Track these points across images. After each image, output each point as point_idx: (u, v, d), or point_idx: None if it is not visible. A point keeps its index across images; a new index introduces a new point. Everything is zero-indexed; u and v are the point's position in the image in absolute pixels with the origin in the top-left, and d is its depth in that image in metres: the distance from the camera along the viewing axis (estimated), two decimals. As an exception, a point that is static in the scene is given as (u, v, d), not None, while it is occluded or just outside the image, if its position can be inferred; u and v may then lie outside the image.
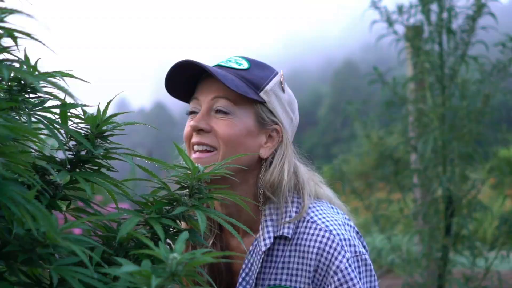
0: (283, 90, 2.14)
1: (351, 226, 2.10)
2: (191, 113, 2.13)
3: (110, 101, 1.56)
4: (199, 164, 1.59)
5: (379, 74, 5.02)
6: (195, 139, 2.04)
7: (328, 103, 59.12)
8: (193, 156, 2.02)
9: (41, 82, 1.37)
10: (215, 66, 2.13)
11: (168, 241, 1.52)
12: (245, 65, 2.11)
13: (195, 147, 2.02)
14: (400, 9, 4.90)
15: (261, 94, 2.07)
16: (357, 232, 2.13)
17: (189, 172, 1.55)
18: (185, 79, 2.10)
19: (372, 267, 2.03)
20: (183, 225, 1.63)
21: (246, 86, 2.05)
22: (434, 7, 4.75)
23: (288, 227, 2.03)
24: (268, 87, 2.08)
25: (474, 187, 4.61)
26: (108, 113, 1.57)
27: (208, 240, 2.16)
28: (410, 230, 4.88)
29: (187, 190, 1.56)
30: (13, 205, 1.16)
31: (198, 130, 2.03)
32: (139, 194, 1.56)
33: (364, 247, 2.12)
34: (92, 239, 1.43)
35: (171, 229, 1.56)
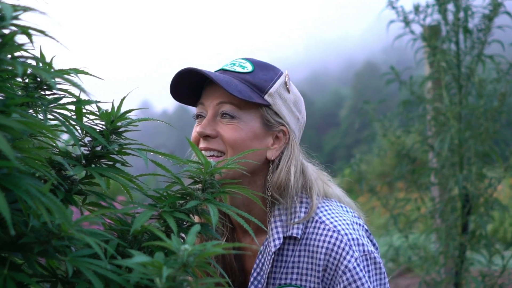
0: (288, 90, 2.15)
1: (360, 224, 2.11)
2: (198, 116, 2.15)
3: (124, 97, 1.59)
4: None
5: (396, 74, 5.03)
6: (202, 145, 2.07)
7: (349, 104, 58.98)
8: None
9: (56, 79, 1.41)
10: (219, 70, 2.15)
11: (182, 234, 1.55)
12: (249, 68, 2.13)
13: (203, 153, 2.05)
14: (416, 9, 4.91)
15: (266, 97, 2.08)
16: (366, 230, 2.13)
17: (201, 167, 1.57)
18: (190, 84, 2.12)
19: (381, 265, 2.04)
20: (196, 219, 1.66)
21: (250, 90, 2.06)
22: (450, 6, 4.76)
23: (297, 228, 2.05)
24: (272, 90, 2.10)
25: (491, 185, 4.60)
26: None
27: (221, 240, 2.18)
28: (428, 229, 4.88)
29: (200, 184, 1.58)
30: (28, 198, 1.19)
31: (205, 136, 2.05)
32: (153, 189, 1.59)
33: (374, 244, 2.13)
34: (107, 232, 1.46)
35: (184, 223, 1.59)
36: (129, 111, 1.58)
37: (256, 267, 2.11)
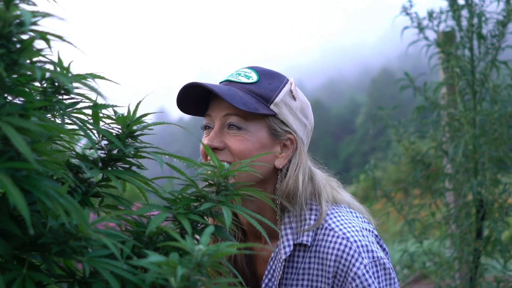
0: (294, 98, 2.16)
1: (369, 230, 2.12)
2: (206, 127, 2.17)
3: (140, 101, 1.63)
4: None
5: (410, 80, 5.04)
6: None
7: (365, 111, 58.91)
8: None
9: (73, 83, 1.44)
10: (225, 81, 2.17)
11: (196, 236, 1.57)
12: (254, 77, 2.14)
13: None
14: (430, 15, 4.93)
15: (272, 106, 2.10)
16: (376, 236, 2.15)
17: (215, 170, 1.60)
18: (198, 96, 2.14)
19: (391, 270, 2.05)
20: (210, 221, 1.69)
21: (255, 101, 2.08)
22: (464, 12, 4.77)
23: (307, 235, 2.07)
24: (278, 99, 2.11)
25: (506, 191, 4.60)
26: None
27: None
28: (442, 234, 4.88)
29: (214, 187, 1.61)
30: (47, 199, 1.22)
31: (213, 149, 2.07)
32: (168, 191, 1.62)
33: (384, 250, 2.14)
34: (123, 233, 1.49)
35: (198, 224, 1.62)
36: (145, 115, 1.62)
37: (267, 273, 2.14)
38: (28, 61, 1.31)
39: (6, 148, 1.24)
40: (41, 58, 1.34)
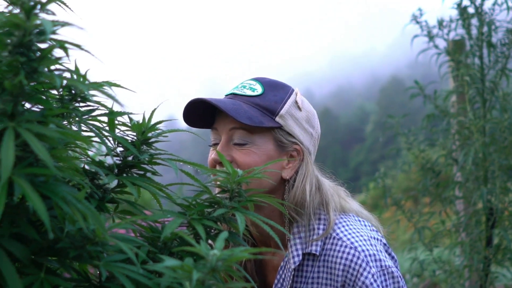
0: (299, 108, 2.17)
1: (377, 239, 2.13)
2: (214, 144, 2.19)
3: (155, 109, 1.65)
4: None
5: (420, 88, 5.07)
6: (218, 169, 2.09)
7: (375, 120, 58.90)
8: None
9: (90, 91, 1.47)
10: (230, 94, 2.18)
11: (210, 242, 1.60)
12: (259, 90, 2.15)
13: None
14: (440, 23, 4.95)
15: (277, 119, 2.11)
16: (385, 244, 2.15)
17: (229, 176, 1.62)
18: (204, 111, 2.15)
19: (400, 279, 2.05)
20: (223, 227, 1.71)
21: (260, 114, 2.09)
22: (474, 21, 4.79)
23: (316, 244, 2.09)
24: (283, 111, 2.12)
25: (515, 199, 4.61)
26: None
27: None
28: (452, 242, 4.89)
29: (227, 193, 1.64)
30: (65, 205, 1.25)
31: (220, 163, 2.09)
32: (182, 197, 1.64)
33: (393, 258, 2.14)
34: (138, 238, 1.52)
35: (212, 230, 1.64)
36: (160, 122, 1.64)
37: (277, 282, 2.15)
38: (46, 69, 1.33)
39: (25, 155, 1.27)
40: (58, 66, 1.37)
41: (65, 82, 1.40)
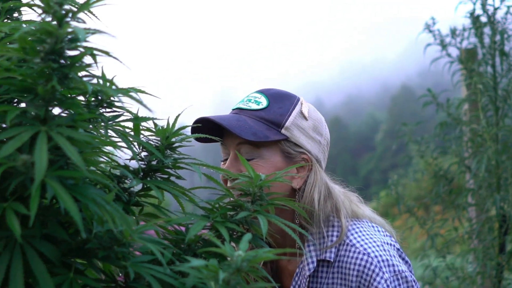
0: (305, 118, 2.19)
1: (390, 244, 2.14)
2: (224, 160, 2.22)
3: (179, 115, 1.69)
4: None
5: (433, 96, 5.09)
6: (229, 184, 2.10)
7: (385, 128, 58.78)
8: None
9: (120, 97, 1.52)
10: (236, 108, 2.21)
11: (232, 244, 1.63)
12: (264, 103, 2.17)
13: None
14: (453, 32, 4.98)
15: (283, 131, 2.13)
16: (398, 249, 2.16)
17: (251, 180, 1.66)
18: (211, 127, 2.15)
19: (414, 282, 2.07)
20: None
21: (266, 128, 2.11)
22: (487, 30, 4.82)
23: (330, 251, 2.10)
24: (288, 123, 2.14)
25: (528, 206, 4.62)
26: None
27: None
28: (465, 249, 4.91)
29: (249, 197, 1.67)
30: (95, 206, 1.29)
31: (231, 179, 2.10)
32: (205, 200, 1.68)
33: (407, 262, 2.15)
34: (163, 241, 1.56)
35: (234, 233, 1.68)
36: (184, 127, 1.68)
37: None
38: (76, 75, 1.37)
39: (55, 158, 1.31)
40: (85, 72, 1.41)
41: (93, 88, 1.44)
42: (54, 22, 1.28)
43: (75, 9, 1.30)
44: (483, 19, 4.85)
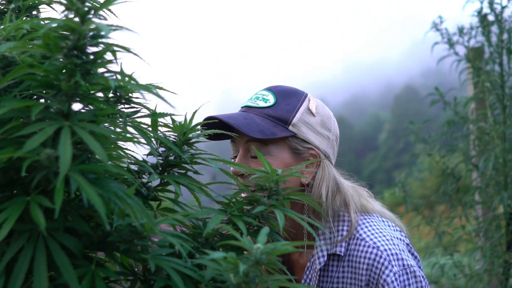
0: (312, 114, 2.21)
1: (400, 239, 2.16)
2: (234, 157, 2.24)
3: (196, 110, 1.72)
4: None
5: (440, 95, 5.11)
6: (242, 180, 2.13)
7: (388, 128, 58.66)
8: (243, 194, 2.08)
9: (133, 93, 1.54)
10: (245, 106, 2.23)
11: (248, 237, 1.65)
12: (271, 100, 2.19)
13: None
14: (461, 31, 5.00)
15: (290, 128, 2.15)
16: (407, 244, 2.18)
17: (267, 175, 1.68)
18: (221, 125, 2.14)
19: (422, 278, 2.08)
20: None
21: (273, 125, 2.13)
22: (494, 28, 4.84)
23: (341, 246, 2.12)
24: (295, 120, 2.16)
25: (536, 204, 4.63)
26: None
27: None
28: (472, 247, 4.92)
29: (265, 191, 1.70)
30: (117, 200, 1.31)
31: (240, 175, 2.12)
32: (222, 195, 1.71)
33: (416, 257, 2.17)
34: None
35: (250, 227, 1.70)
36: (200, 123, 1.71)
37: (303, 282, 2.20)
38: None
39: (77, 152, 1.33)
40: (103, 68, 1.43)
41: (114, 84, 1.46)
42: (77, 19, 1.30)
43: (97, 6, 1.32)
44: (491, 17, 4.87)
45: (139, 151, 1.69)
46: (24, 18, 1.76)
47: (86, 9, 1.30)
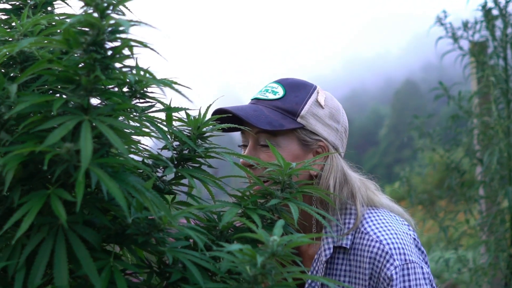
0: (321, 106, 2.22)
1: (406, 233, 2.15)
2: (243, 146, 2.27)
3: (210, 105, 1.73)
4: None
5: (445, 89, 5.12)
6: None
7: (389, 123, 58.67)
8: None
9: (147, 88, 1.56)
10: (254, 99, 2.25)
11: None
12: (280, 92, 2.21)
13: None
14: (465, 25, 5.01)
15: (299, 120, 2.16)
16: (414, 239, 2.18)
17: (280, 168, 1.70)
18: (230, 117, 2.14)
19: (423, 274, 2.08)
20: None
21: (282, 117, 2.15)
22: (498, 23, 4.85)
23: (347, 238, 2.14)
24: (304, 112, 2.18)
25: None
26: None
27: None
28: (477, 241, 4.94)
29: (278, 185, 1.71)
30: (136, 193, 1.33)
31: (249, 166, 2.14)
32: (236, 188, 1.73)
33: (422, 252, 2.18)
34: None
35: (264, 220, 1.72)
36: (215, 117, 1.72)
37: (311, 273, 2.22)
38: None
39: (96, 146, 1.35)
40: (119, 64, 1.45)
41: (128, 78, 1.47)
42: (96, 14, 1.32)
43: (115, 2, 1.34)
44: (495, 12, 4.88)
45: (152, 145, 1.71)
46: (40, 14, 1.78)
47: (105, 4, 1.32)
